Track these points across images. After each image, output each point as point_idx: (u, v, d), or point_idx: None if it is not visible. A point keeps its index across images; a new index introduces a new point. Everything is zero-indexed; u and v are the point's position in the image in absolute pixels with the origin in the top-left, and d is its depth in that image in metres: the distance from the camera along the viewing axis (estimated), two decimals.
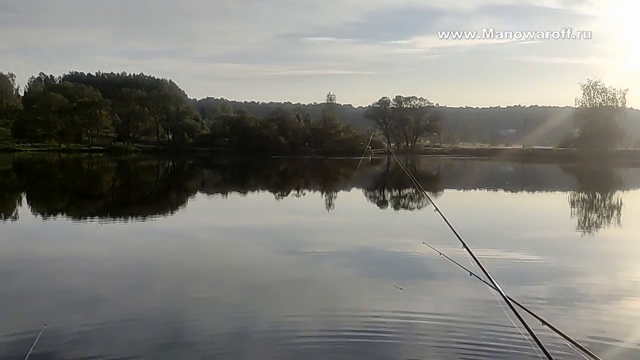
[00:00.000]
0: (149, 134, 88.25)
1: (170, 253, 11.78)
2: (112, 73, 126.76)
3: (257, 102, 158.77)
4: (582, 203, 26.19)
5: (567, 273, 10.16)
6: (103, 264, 10.46)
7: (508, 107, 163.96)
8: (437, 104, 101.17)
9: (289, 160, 65.18)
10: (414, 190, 32.62)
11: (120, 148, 77.70)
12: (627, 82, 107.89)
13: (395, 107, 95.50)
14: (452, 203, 26.21)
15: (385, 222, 18.72)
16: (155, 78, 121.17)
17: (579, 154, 73.36)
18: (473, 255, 2.95)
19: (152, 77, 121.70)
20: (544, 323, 2.63)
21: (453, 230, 3.41)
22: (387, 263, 11.01)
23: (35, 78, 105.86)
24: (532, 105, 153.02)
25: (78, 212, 19.86)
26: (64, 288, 8.72)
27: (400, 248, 12.47)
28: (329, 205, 23.57)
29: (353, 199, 26.85)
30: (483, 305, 7.20)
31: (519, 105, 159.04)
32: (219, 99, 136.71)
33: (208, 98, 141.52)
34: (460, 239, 3.31)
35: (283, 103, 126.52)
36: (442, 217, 3.66)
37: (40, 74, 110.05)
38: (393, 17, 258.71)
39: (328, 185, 34.64)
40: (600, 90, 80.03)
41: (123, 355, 5.72)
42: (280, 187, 34.16)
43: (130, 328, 6.71)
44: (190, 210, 21.60)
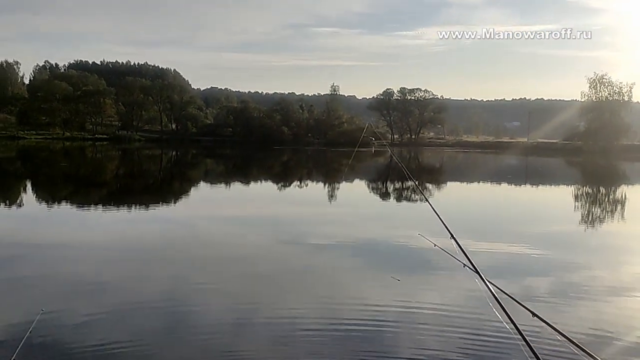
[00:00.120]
0: (153, 123, 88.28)
1: (173, 242, 11.84)
2: (116, 62, 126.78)
3: (261, 92, 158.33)
4: (585, 197, 26.11)
5: (568, 267, 10.16)
6: (105, 252, 10.53)
7: (513, 99, 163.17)
8: (441, 96, 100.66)
9: (292, 151, 65.17)
10: (417, 183, 32.58)
11: (124, 137, 77.77)
12: (634, 75, 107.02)
13: (399, 98, 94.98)
14: (455, 196, 26.19)
15: (385, 213, 18.75)
16: (160, 67, 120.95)
17: (584, 148, 72.96)
18: (461, 247, 2.96)
19: (156, 66, 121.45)
20: (534, 315, 2.64)
21: (442, 223, 3.42)
22: (384, 254, 11.06)
23: (40, 66, 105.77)
24: (537, 98, 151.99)
25: (81, 199, 19.96)
26: (65, 274, 8.79)
27: (398, 240, 12.49)
28: (330, 197, 23.59)
29: (354, 191, 26.87)
30: (475, 297, 7.22)
31: (525, 98, 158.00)
32: (223, 89, 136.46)
33: (212, 88, 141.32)
34: (449, 231, 3.32)
35: (287, 93, 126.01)
36: (432, 209, 3.66)
37: (45, 62, 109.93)
38: (399, 7, 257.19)
39: (330, 177, 34.63)
40: (607, 84, 79.44)
41: (122, 341, 5.78)
42: (282, 178, 34.21)
43: (131, 315, 6.77)
44: (193, 200, 21.68)
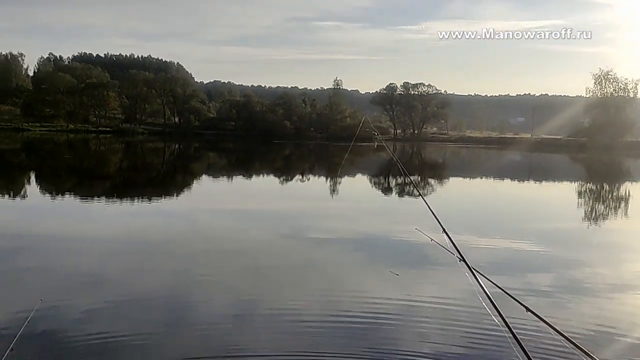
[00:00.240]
0: (156, 116, 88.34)
1: (174, 235, 11.88)
2: (120, 54, 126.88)
3: (264, 86, 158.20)
4: (589, 194, 26.03)
5: (570, 264, 10.16)
6: (107, 244, 10.58)
7: (518, 95, 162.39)
8: (445, 91, 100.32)
9: (294, 145, 65.14)
10: (419, 178, 32.57)
11: (128, 130, 77.87)
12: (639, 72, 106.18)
13: (403, 93, 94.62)
14: (457, 192, 26.17)
15: (384, 208, 18.76)
16: (163, 60, 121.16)
17: (589, 144, 72.63)
18: (452, 242, 2.96)
19: (159, 59, 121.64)
20: (528, 310, 2.64)
21: (435, 217, 3.42)
22: (383, 249, 11.10)
23: (45, 58, 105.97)
24: (542, 94, 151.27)
25: (85, 192, 20.03)
26: (66, 266, 8.82)
27: (397, 234, 12.48)
28: (331, 191, 23.61)
29: (354, 186, 26.88)
30: (471, 291, 7.24)
31: (529, 94, 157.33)
32: (226, 83, 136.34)
33: (215, 81, 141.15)
34: (441, 225, 3.32)
35: (290, 87, 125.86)
36: (426, 204, 3.67)
37: (50, 55, 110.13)
38: (402, 1, 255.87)
39: (331, 171, 34.62)
40: (612, 80, 79.00)
41: (121, 333, 5.80)
42: (284, 172, 34.24)
43: (130, 307, 6.81)
44: (195, 193, 21.73)
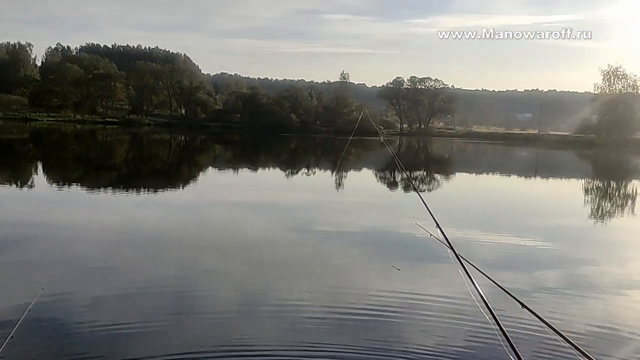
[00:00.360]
0: (162, 108, 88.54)
1: (180, 226, 11.94)
2: (127, 45, 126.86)
3: (270, 78, 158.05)
4: (595, 191, 25.87)
5: (573, 261, 10.14)
6: (111, 235, 10.63)
7: (525, 91, 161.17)
8: (452, 86, 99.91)
9: (300, 139, 65.10)
10: (425, 173, 32.49)
11: (134, 121, 78.11)
12: None
13: (410, 87, 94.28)
14: (463, 187, 26.09)
15: (388, 202, 18.73)
16: (170, 52, 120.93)
17: (596, 141, 72.12)
18: (446, 237, 2.96)
19: (166, 50, 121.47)
20: (523, 306, 2.65)
21: (430, 213, 3.42)
22: (385, 243, 11.12)
23: (53, 48, 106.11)
24: (550, 90, 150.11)
25: (90, 182, 20.15)
26: (70, 256, 8.87)
27: (399, 229, 12.49)
28: (335, 185, 23.60)
29: (359, 180, 26.86)
30: (465, 286, 7.26)
31: (537, 90, 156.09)
32: (233, 75, 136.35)
33: (222, 73, 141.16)
34: (435, 220, 3.32)
35: (296, 80, 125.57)
36: (420, 199, 3.66)
37: (58, 45, 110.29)
38: None
39: (336, 165, 34.60)
40: (621, 76, 78.29)
41: (122, 322, 5.85)
42: (289, 165, 34.26)
43: (133, 297, 6.85)
44: (201, 185, 21.81)
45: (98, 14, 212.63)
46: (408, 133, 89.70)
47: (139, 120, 78.86)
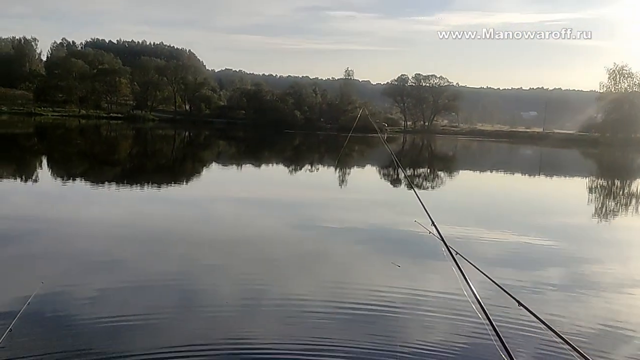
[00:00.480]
0: (167, 104, 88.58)
1: (184, 221, 11.97)
2: (132, 41, 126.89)
3: (275, 75, 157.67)
4: (599, 190, 25.76)
5: (577, 260, 10.09)
6: (114, 229, 10.65)
7: (530, 89, 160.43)
8: (457, 83, 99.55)
9: (304, 135, 65.06)
10: (429, 170, 32.44)
11: (138, 116, 78.25)
12: None
13: (414, 85, 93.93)
14: (467, 185, 26.03)
15: (390, 199, 18.72)
16: (175, 47, 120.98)
17: (601, 140, 71.78)
18: (440, 235, 2.96)
19: (171, 46, 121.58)
20: (520, 304, 2.64)
21: (425, 210, 3.41)
22: (386, 240, 11.14)
23: (58, 43, 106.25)
24: (555, 88, 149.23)
25: (95, 177, 20.21)
26: (71, 250, 8.90)
27: (401, 226, 12.46)
28: (338, 182, 23.61)
29: (362, 177, 26.85)
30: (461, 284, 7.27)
31: (542, 88, 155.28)
32: (237, 71, 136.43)
33: (226, 69, 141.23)
34: (430, 218, 3.31)
35: (301, 77, 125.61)
36: (416, 196, 3.65)
37: (63, 40, 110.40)
38: None
39: (339, 162, 34.58)
40: (627, 75, 77.79)
41: (120, 316, 5.87)
42: (293, 161, 34.27)
43: (132, 292, 6.87)
44: (205, 181, 21.85)
45: (104, 10, 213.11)
46: (412, 130, 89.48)
47: (144, 116, 78.98)
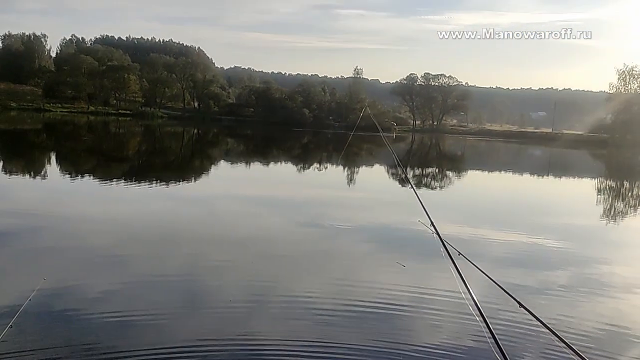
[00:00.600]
0: (176, 101, 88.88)
1: (190, 219, 12.04)
2: (141, 38, 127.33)
3: (284, 73, 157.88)
4: (608, 191, 25.57)
5: (584, 262, 10.04)
6: (121, 226, 10.73)
7: (540, 89, 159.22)
8: (466, 83, 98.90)
9: (312, 134, 65.05)
10: (437, 170, 32.33)
11: (147, 113, 78.57)
12: None
13: (423, 84, 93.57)
14: (475, 185, 25.92)
15: (395, 199, 18.65)
16: (184, 45, 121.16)
17: (610, 141, 71.13)
18: (439, 235, 2.96)
19: (181, 43, 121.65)
20: (521, 305, 2.64)
21: (424, 209, 3.41)
22: (392, 239, 11.15)
23: (67, 40, 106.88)
24: (564, 89, 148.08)
25: (103, 174, 20.36)
26: (77, 247, 8.98)
27: (406, 225, 12.43)
28: (349, 180, 23.61)
29: (369, 176, 26.82)
30: (471, 283, 7.24)
31: (551, 88, 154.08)
32: (246, 69, 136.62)
33: (235, 67, 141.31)
34: (429, 217, 3.31)
35: (310, 75, 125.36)
36: (416, 196, 3.66)
37: (72, 36, 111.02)
38: None
39: (347, 161, 34.58)
40: (637, 76, 76.95)
41: (122, 314, 5.92)
42: (301, 160, 34.30)
43: (137, 289, 6.93)
44: (213, 178, 21.94)
45: (114, 6, 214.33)
46: (421, 130, 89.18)
47: (152, 113, 79.29)
